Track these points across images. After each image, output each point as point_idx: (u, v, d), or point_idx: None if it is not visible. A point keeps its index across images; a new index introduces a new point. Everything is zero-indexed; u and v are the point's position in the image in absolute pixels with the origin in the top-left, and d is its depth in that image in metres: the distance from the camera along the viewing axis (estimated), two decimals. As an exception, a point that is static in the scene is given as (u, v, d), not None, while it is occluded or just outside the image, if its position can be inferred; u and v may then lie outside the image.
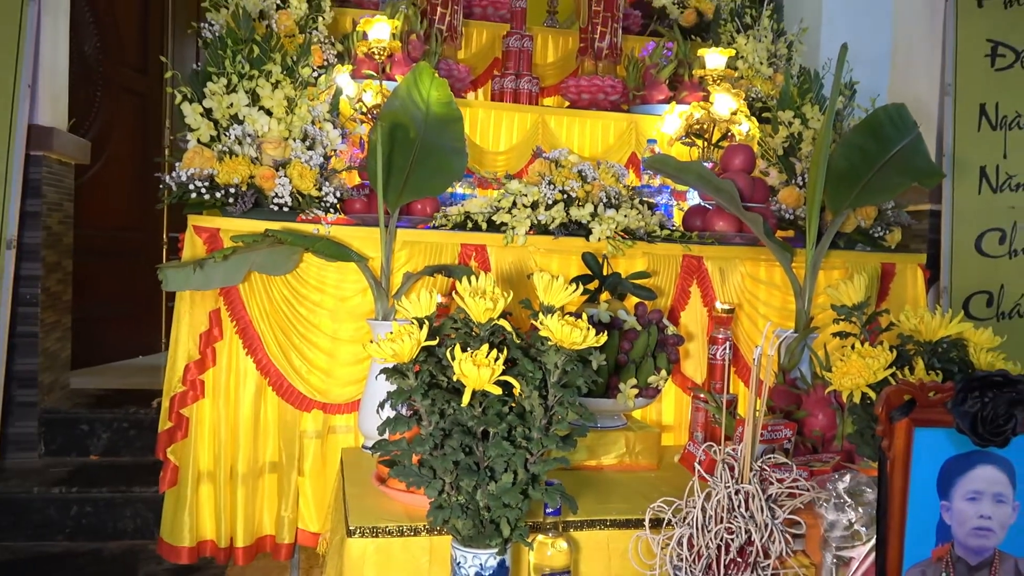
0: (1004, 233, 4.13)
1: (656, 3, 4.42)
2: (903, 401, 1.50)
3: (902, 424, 1.50)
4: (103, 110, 4.41)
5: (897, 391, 1.50)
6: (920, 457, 1.51)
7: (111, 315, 4.56)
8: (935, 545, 1.53)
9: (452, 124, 2.72)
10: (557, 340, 1.74)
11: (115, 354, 4.62)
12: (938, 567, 1.53)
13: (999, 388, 1.47)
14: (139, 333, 4.84)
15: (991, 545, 1.53)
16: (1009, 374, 1.48)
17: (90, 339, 4.25)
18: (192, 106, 2.58)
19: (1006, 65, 4.19)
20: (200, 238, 2.53)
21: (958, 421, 1.48)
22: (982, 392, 1.47)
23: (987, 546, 1.53)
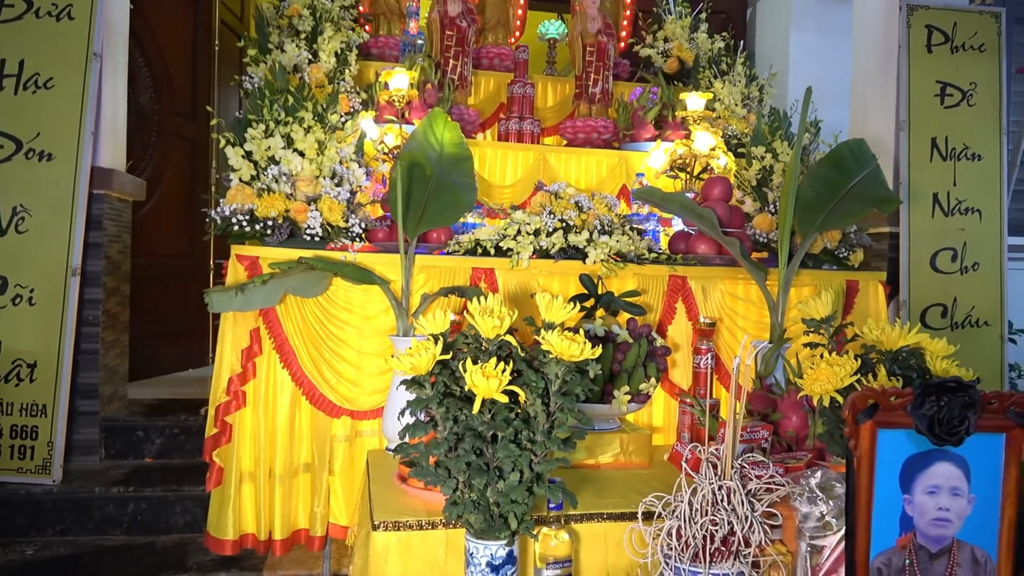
0: (956, 252, 4.11)
1: (642, 53, 4.43)
2: (867, 405, 1.49)
3: (867, 426, 1.48)
4: (157, 152, 4.44)
5: (862, 396, 1.49)
6: (883, 455, 1.50)
7: (164, 332, 4.56)
8: (899, 534, 1.51)
9: (463, 162, 2.72)
10: (557, 353, 1.74)
11: (168, 367, 4.61)
12: (902, 554, 1.51)
13: (953, 393, 1.46)
14: (189, 348, 4.84)
15: (950, 534, 1.51)
16: (962, 380, 1.46)
17: (146, 354, 4.25)
18: (235, 149, 2.59)
19: (954, 103, 4.18)
20: (242, 265, 2.53)
21: (917, 423, 1.47)
22: (938, 396, 1.46)
23: (946, 535, 1.51)
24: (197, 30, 4.81)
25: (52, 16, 3.26)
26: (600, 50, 3.86)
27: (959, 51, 4.20)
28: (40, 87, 3.25)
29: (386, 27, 4.34)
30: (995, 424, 1.48)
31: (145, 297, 4.17)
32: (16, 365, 3.17)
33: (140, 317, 4.01)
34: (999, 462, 1.49)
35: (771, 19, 5.46)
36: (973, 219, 4.14)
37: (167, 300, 4.58)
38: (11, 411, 3.16)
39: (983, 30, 4.22)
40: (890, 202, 2.79)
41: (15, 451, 3.15)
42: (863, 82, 4.27)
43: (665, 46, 4.39)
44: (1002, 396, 1.48)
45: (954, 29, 4.21)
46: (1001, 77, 4.21)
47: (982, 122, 4.18)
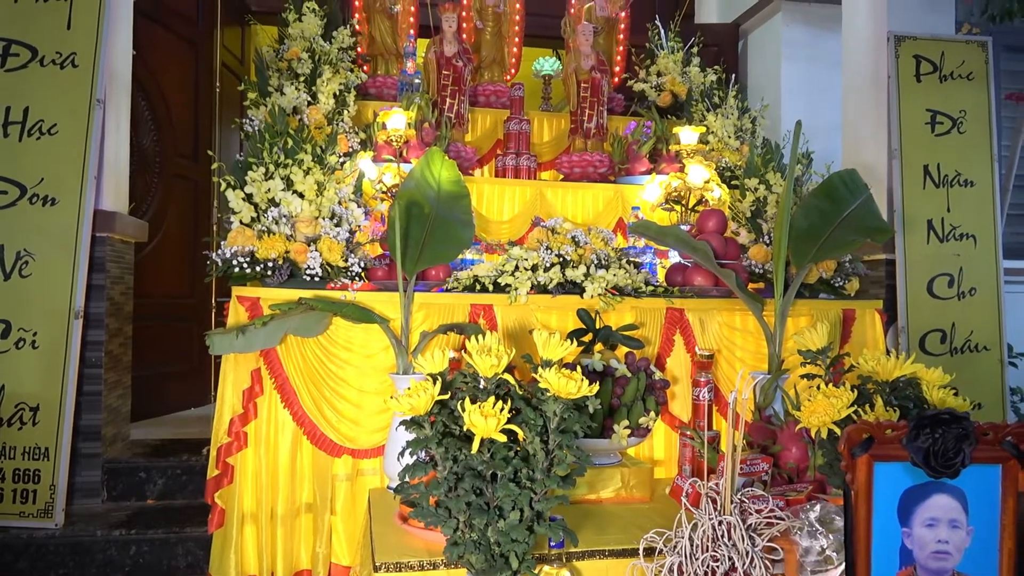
0: (952, 277, 4.13)
1: (636, 88, 4.50)
2: (863, 438, 1.50)
3: (863, 459, 1.49)
4: (159, 194, 4.48)
5: (857, 429, 1.50)
6: (881, 488, 1.50)
7: (166, 372, 4.57)
8: (899, 568, 1.51)
9: (461, 200, 2.76)
10: (555, 391, 1.75)
11: (170, 407, 4.61)
12: (903, 588, 1.50)
13: (947, 425, 1.46)
14: (191, 387, 4.84)
15: (950, 567, 1.51)
16: (956, 412, 1.47)
17: (148, 394, 4.25)
18: (235, 192, 2.63)
19: (945, 131, 4.23)
20: (243, 306, 2.56)
21: (913, 455, 1.48)
22: (932, 429, 1.47)
23: (946, 568, 1.51)
24: (199, 73, 4.88)
25: (56, 64, 3.33)
26: (594, 86, 3.92)
27: (948, 80, 4.26)
28: (44, 133, 3.30)
29: (384, 67, 4.41)
30: (991, 455, 1.49)
31: (147, 337, 4.19)
32: (19, 408, 3.17)
33: (142, 357, 4.02)
34: (996, 493, 1.50)
35: (762, 51, 5.54)
36: (968, 244, 4.16)
37: (169, 340, 4.59)
38: (13, 455, 3.16)
39: (971, 59, 4.28)
40: (883, 231, 2.82)
41: (17, 495, 3.15)
42: (854, 111, 4.32)
43: (658, 80, 4.46)
44: (996, 427, 1.49)
45: (942, 59, 4.27)
46: (990, 104, 4.27)
47: (973, 149, 4.22)
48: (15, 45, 3.32)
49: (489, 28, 4.50)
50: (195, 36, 4.85)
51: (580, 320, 2.59)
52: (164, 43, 4.55)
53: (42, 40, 3.34)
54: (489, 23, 4.50)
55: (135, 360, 3.88)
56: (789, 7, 5.33)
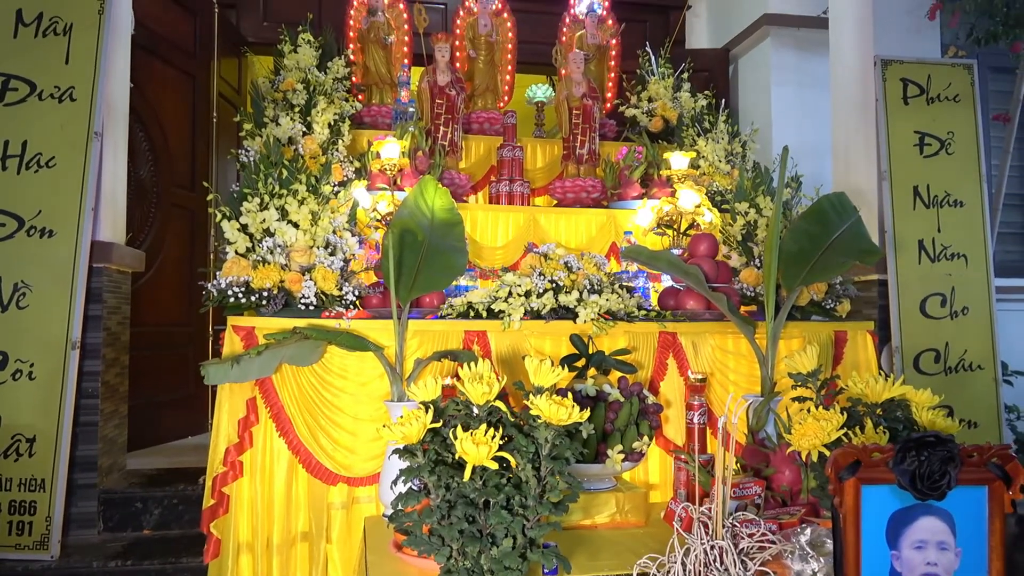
0: (945, 297, 4.16)
1: (628, 113, 4.55)
2: (850, 462, 1.51)
3: (850, 483, 1.51)
4: (156, 223, 4.52)
5: (844, 453, 1.52)
6: (869, 511, 1.51)
7: (163, 401, 4.57)
8: (889, 591, 1.52)
9: (454, 227, 2.78)
10: (547, 418, 1.77)
11: (167, 435, 4.61)
12: (893, 611, 1.51)
13: (932, 447, 1.48)
14: (188, 416, 4.84)
15: (939, 589, 1.52)
16: (941, 434, 1.49)
17: (144, 423, 4.26)
18: (230, 223, 2.66)
19: (933, 152, 4.28)
20: (238, 335, 2.58)
21: (899, 478, 1.49)
22: (918, 452, 1.48)
23: (936, 590, 1.52)
24: (196, 103, 4.94)
25: (55, 98, 3.37)
26: (586, 113, 3.97)
27: (935, 102, 4.32)
28: (42, 166, 3.34)
29: (378, 96, 4.47)
30: (977, 477, 1.50)
31: (144, 366, 4.20)
32: (15, 440, 3.18)
33: (139, 386, 4.03)
34: (983, 515, 1.51)
35: (752, 75, 5.62)
36: (959, 264, 4.19)
37: (166, 368, 4.60)
38: (10, 487, 3.16)
39: (957, 81, 4.35)
40: (872, 253, 2.85)
41: (13, 527, 3.14)
42: (843, 134, 4.37)
43: (649, 106, 4.52)
44: (981, 449, 1.51)
45: (928, 81, 4.33)
46: (977, 125, 4.32)
47: (962, 169, 4.27)
48: (14, 80, 3.37)
49: (482, 56, 4.56)
50: (192, 68, 4.91)
51: (573, 345, 2.61)
52: (161, 75, 4.61)
53: (41, 74, 3.39)
54: (482, 52, 4.56)
55: (131, 389, 3.89)
56: (778, 32, 5.41)
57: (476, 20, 4.57)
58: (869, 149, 4.26)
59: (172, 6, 4.75)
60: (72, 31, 3.45)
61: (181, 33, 4.86)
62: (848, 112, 4.35)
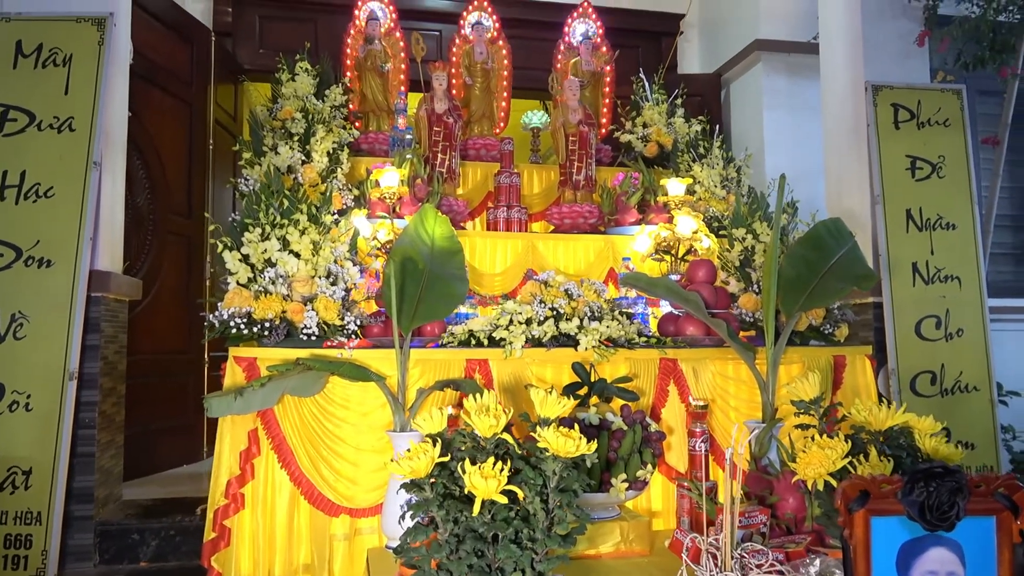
0: (939, 319, 4.19)
1: (623, 139, 4.60)
2: (858, 493, 1.52)
3: (860, 514, 1.51)
4: (153, 251, 4.51)
5: (852, 485, 1.52)
6: (878, 543, 1.51)
7: (159, 429, 4.54)
8: (900, 623, 1.51)
9: (455, 255, 2.79)
10: (554, 450, 1.76)
11: (162, 464, 4.57)
12: (905, 644, 1.51)
13: (940, 478, 1.49)
14: (184, 444, 4.81)
15: (950, 620, 1.52)
16: (948, 464, 1.50)
17: (140, 452, 4.23)
18: (232, 253, 2.66)
19: (925, 176, 4.33)
20: (239, 366, 2.57)
21: (908, 510, 1.50)
22: (926, 482, 1.49)
23: (946, 621, 1.52)
24: (193, 131, 4.95)
25: (54, 128, 3.38)
26: (582, 139, 4.01)
27: (925, 126, 4.38)
28: (40, 196, 3.33)
29: (375, 123, 4.50)
30: (985, 507, 1.51)
31: (140, 394, 4.17)
32: (11, 472, 3.15)
33: (135, 415, 4.00)
34: (992, 545, 1.52)
35: (744, 100, 5.68)
36: (953, 286, 4.23)
37: (162, 397, 4.58)
38: (5, 520, 3.12)
39: (946, 106, 4.41)
40: (869, 279, 2.87)
41: (8, 561, 3.10)
42: (836, 158, 4.41)
43: (644, 131, 4.56)
44: (988, 479, 1.51)
45: (918, 106, 4.39)
46: (967, 149, 4.38)
47: (953, 192, 4.32)
48: (12, 111, 3.38)
49: (478, 83, 4.60)
50: (189, 96, 4.94)
51: (575, 373, 2.61)
52: (159, 103, 4.63)
53: (40, 105, 3.40)
54: (478, 79, 4.60)
55: (127, 417, 3.86)
56: (769, 57, 5.48)
57: (472, 48, 4.61)
58: (861, 173, 4.31)
59: (169, 35, 4.78)
60: (72, 62, 3.46)
61: (178, 62, 4.89)
62: (840, 137, 4.40)
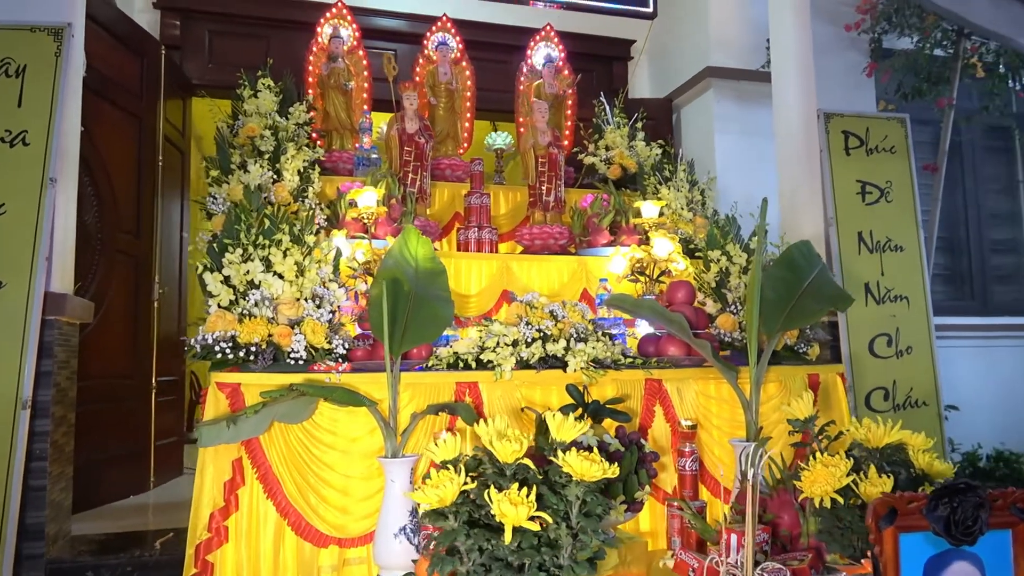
0: (890, 337, 4.36)
1: (587, 161, 4.65)
2: (887, 511, 1.56)
3: (889, 531, 1.55)
4: (100, 271, 4.30)
5: (882, 503, 1.56)
6: (907, 559, 1.55)
7: (105, 459, 4.31)
8: (928, 636, 1.55)
9: (438, 276, 2.77)
10: (579, 475, 1.75)
11: (108, 496, 4.33)
12: (934, 657, 1.55)
13: (964, 494, 1.54)
14: (130, 474, 4.57)
15: (973, 632, 1.57)
16: (970, 481, 1.55)
17: (87, 483, 3.99)
18: (213, 275, 2.55)
19: (874, 200, 4.53)
20: (223, 393, 2.46)
21: (934, 525, 1.54)
22: (951, 499, 1.54)
23: (970, 633, 1.57)
24: (142, 146, 4.77)
25: (6, 142, 3.20)
26: (551, 161, 4.03)
27: (873, 153, 4.58)
28: (-10, 214, 3.14)
29: (339, 142, 4.43)
30: (1002, 521, 1.57)
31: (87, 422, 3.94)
32: (-43, 510, 2.92)
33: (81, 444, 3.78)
34: (1008, 557, 1.58)
35: (695, 124, 5.84)
36: (902, 306, 4.42)
37: (110, 424, 4.35)
38: (-50, 562, 2.90)
39: (892, 134, 4.63)
40: (844, 299, 2.98)
41: (-47, 607, 2.88)
42: (790, 182, 4.57)
43: (607, 154, 4.62)
44: (1004, 494, 1.58)
45: (867, 134, 4.60)
46: (912, 175, 4.60)
47: (900, 216, 4.53)
48: (-40, 123, 3.18)
49: (442, 104, 4.58)
50: (139, 110, 4.75)
51: (570, 395, 2.61)
52: (109, 117, 4.44)
53: (-9, 118, 3.21)
54: (442, 99, 4.59)
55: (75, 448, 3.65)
56: (720, 84, 5.66)
57: (436, 68, 4.60)
58: (814, 197, 4.47)
59: (119, 47, 4.60)
60: (26, 73, 3.29)
61: (128, 75, 4.70)
62: (793, 162, 4.56)
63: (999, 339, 6.21)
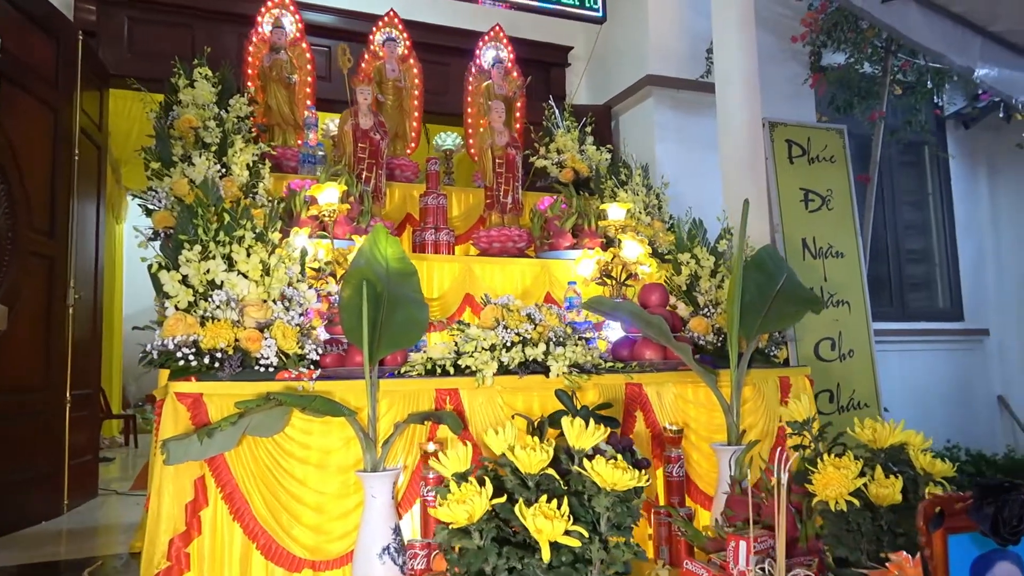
0: (834, 341, 4.47)
1: (538, 164, 4.56)
2: (935, 513, 1.51)
3: (938, 533, 1.50)
4: (11, 274, 3.89)
5: (930, 504, 1.51)
6: (955, 560, 1.51)
7: (14, 481, 3.88)
8: (977, 638, 1.51)
9: (410, 278, 2.61)
10: (608, 484, 1.63)
11: (20, 522, 3.90)
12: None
13: (1008, 493, 1.51)
14: (43, 497, 4.13)
15: (1018, 632, 1.54)
16: (1012, 480, 1.53)
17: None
18: (171, 274, 2.30)
19: (816, 208, 4.64)
20: (183, 405, 2.21)
21: (981, 525, 1.50)
22: (995, 498, 1.51)
23: (1014, 633, 1.54)
24: (57, 139, 4.36)
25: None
26: (509, 162, 3.92)
27: (815, 162, 4.70)
28: None
29: (281, 138, 4.17)
30: (1041, 519, 1.55)
31: (-4, 441, 3.55)
32: None
33: (-7, 466, 3.39)
34: (1048, 556, 1.56)
35: (634, 131, 5.85)
36: (844, 311, 4.54)
37: (19, 442, 3.93)
38: None
39: (831, 144, 4.76)
40: (816, 302, 2.99)
41: None
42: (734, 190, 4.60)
43: (559, 157, 4.55)
44: (1044, 491, 1.56)
45: (808, 143, 4.71)
46: (850, 184, 4.75)
47: (840, 224, 4.66)
48: None
49: (390, 101, 4.40)
50: (54, 99, 4.35)
51: (560, 401, 2.49)
52: (22, 106, 4.04)
53: None
54: (390, 96, 4.40)
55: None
56: (659, 92, 5.69)
57: (384, 65, 4.41)
58: (760, 204, 4.51)
59: (34, 30, 4.20)
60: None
61: (41, 60, 4.30)
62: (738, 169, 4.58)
63: (914, 343, 6.51)
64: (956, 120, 6.83)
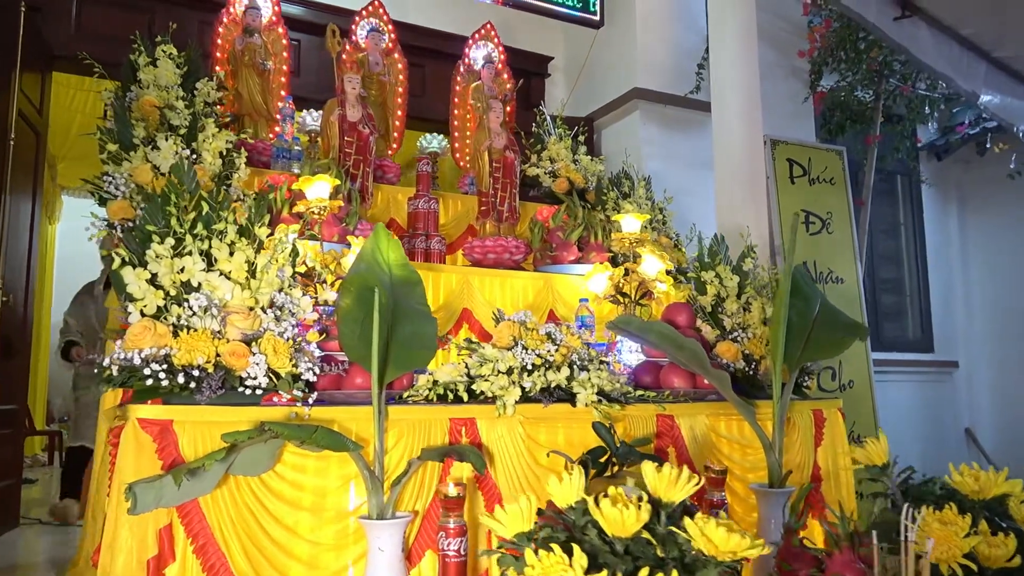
0: (834, 371, 4.25)
1: (531, 172, 4.22)
2: None
3: None
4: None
5: None
6: None
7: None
8: None
9: (415, 287, 2.23)
10: (722, 552, 1.27)
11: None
12: None
13: None
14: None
15: None
16: None
17: None
18: (136, 272, 1.85)
19: (817, 230, 4.44)
20: (148, 434, 1.76)
21: None
22: None
23: None
24: (-10, 122, 3.82)
25: None
26: (507, 166, 3.56)
27: (816, 183, 4.50)
28: None
29: (252, 129, 3.72)
30: None
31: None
32: None
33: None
34: None
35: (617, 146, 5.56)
36: (844, 339, 4.31)
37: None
38: None
39: (831, 165, 4.58)
40: (860, 329, 2.71)
41: None
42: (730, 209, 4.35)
43: (553, 167, 4.22)
44: None
45: (809, 163, 4.51)
46: (849, 207, 4.56)
47: (840, 248, 4.46)
48: None
49: (372, 96, 4.00)
50: (-10, 77, 3.81)
51: (598, 435, 2.12)
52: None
53: None
54: (373, 90, 4.00)
55: None
56: (646, 106, 5.44)
57: (367, 56, 4.02)
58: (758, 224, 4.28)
59: (-33, -5, 3.67)
60: None
61: (-22, 32, 3.76)
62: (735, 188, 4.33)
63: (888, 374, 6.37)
64: (928, 152, 6.79)
